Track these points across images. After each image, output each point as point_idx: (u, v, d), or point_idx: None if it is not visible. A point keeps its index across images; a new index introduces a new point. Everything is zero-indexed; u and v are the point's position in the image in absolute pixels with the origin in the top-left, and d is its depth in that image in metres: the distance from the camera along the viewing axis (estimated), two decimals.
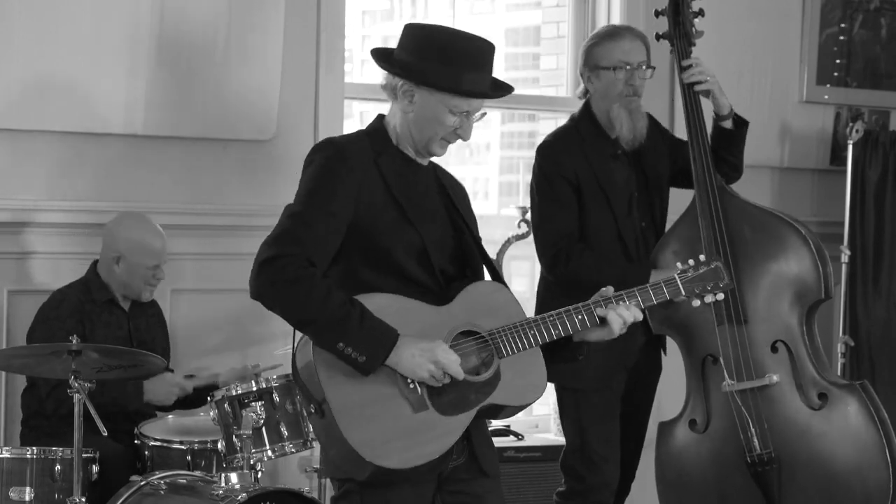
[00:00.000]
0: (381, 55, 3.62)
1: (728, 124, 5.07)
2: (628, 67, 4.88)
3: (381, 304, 3.48)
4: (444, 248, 3.64)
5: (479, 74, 3.56)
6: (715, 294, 3.79)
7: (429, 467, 3.51)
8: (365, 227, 3.53)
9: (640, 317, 3.68)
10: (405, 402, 3.49)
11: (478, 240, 3.72)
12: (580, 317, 3.64)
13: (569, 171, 4.85)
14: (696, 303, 3.81)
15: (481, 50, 3.58)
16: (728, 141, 5.07)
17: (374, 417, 3.46)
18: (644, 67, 4.92)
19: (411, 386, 3.49)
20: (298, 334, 3.56)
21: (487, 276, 3.76)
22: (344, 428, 3.43)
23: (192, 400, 5.13)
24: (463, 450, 3.61)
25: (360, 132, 3.70)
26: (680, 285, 3.75)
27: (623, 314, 3.64)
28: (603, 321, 3.65)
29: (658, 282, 3.74)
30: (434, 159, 3.73)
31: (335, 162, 3.54)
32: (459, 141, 3.67)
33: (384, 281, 3.54)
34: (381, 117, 3.69)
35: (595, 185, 4.89)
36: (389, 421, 3.47)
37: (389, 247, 3.54)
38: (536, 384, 3.65)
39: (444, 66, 3.52)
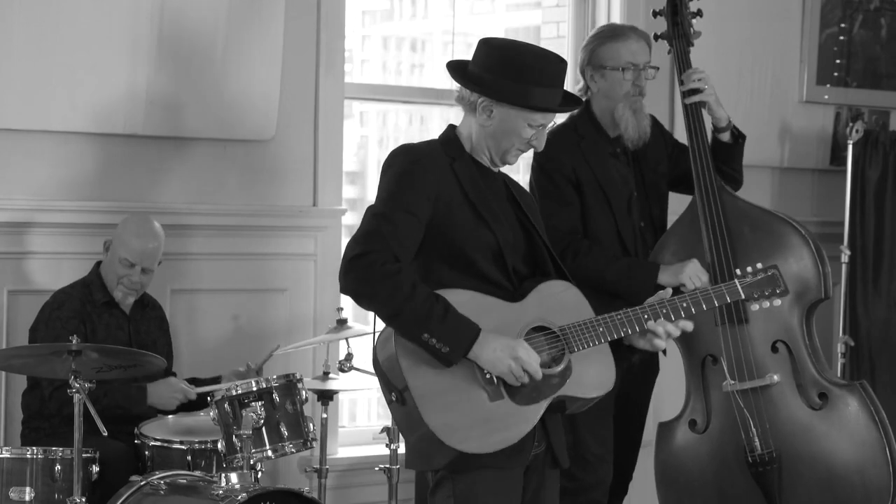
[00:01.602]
0: (457, 70, 3.83)
1: (726, 136, 5.07)
2: (635, 68, 4.88)
3: (459, 300, 3.65)
4: (517, 249, 3.82)
5: (551, 90, 3.75)
6: (772, 300, 3.95)
7: (509, 454, 3.67)
8: (443, 227, 3.71)
9: (690, 328, 3.84)
10: (482, 392, 3.66)
11: (547, 243, 3.87)
12: (646, 317, 3.81)
13: (568, 170, 4.86)
14: (755, 307, 3.98)
15: (553, 66, 3.76)
16: (725, 153, 5.08)
17: (453, 404, 3.63)
18: (649, 68, 4.92)
19: (487, 376, 3.66)
20: (378, 328, 3.74)
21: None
22: (425, 413, 3.60)
23: (195, 403, 5.13)
24: (543, 438, 3.78)
25: (432, 141, 3.89)
26: (739, 289, 3.92)
27: (670, 329, 3.81)
28: (668, 319, 3.82)
29: (719, 286, 3.92)
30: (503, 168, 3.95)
31: (414, 166, 3.73)
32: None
33: (460, 279, 3.72)
34: (451, 127, 3.88)
35: (594, 183, 4.89)
36: (468, 408, 3.64)
37: (465, 246, 3.73)
38: (606, 378, 3.83)
39: (518, 83, 3.72)
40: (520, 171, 5.73)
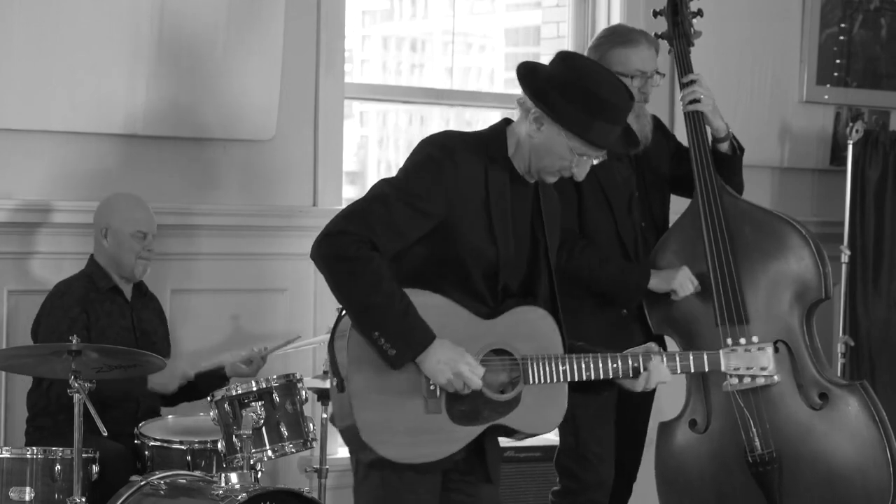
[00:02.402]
0: (527, 73, 3.69)
1: (724, 147, 5.06)
2: (643, 76, 4.87)
3: (428, 303, 3.55)
4: (517, 270, 3.71)
5: (612, 126, 3.62)
6: (755, 380, 3.92)
7: (430, 465, 3.59)
8: (450, 229, 3.59)
9: (668, 378, 3.77)
10: (421, 401, 3.57)
11: (552, 266, 3.77)
12: (614, 365, 3.71)
13: None
14: (734, 381, 3.95)
15: (623, 103, 3.63)
16: (723, 164, 5.06)
17: (387, 406, 3.54)
18: (656, 74, 4.91)
19: (431, 387, 3.57)
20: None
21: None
22: (355, 408, 3.52)
23: (199, 391, 5.12)
24: (471, 448, 3.66)
25: (480, 133, 3.74)
26: (721, 360, 3.84)
27: (653, 375, 3.73)
28: (636, 374, 3.73)
29: (701, 353, 3.85)
30: None
31: (445, 159, 3.60)
32: None
33: (443, 282, 3.61)
34: (506, 122, 3.74)
35: (595, 183, 4.87)
36: (400, 414, 3.55)
37: (465, 256, 3.61)
38: (552, 418, 3.73)
39: (581, 110, 3.57)
40: None
